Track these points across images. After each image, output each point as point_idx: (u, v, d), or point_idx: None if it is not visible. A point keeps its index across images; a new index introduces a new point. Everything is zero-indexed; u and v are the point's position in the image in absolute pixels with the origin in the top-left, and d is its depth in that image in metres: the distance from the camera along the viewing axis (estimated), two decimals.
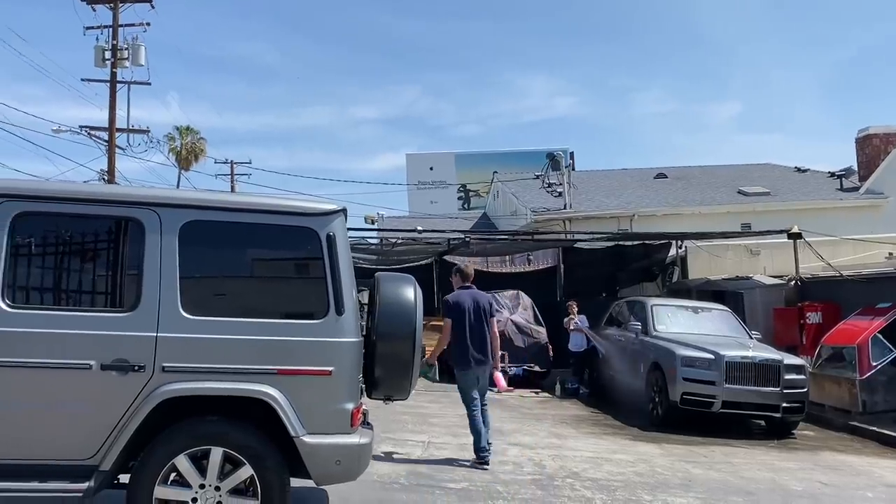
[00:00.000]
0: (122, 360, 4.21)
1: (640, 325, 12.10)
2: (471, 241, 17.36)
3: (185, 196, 4.90)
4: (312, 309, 4.54)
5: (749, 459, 8.68)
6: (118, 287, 4.48)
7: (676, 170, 27.69)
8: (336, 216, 4.69)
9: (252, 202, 4.78)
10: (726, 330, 12.00)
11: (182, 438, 4.25)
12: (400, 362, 4.95)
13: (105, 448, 4.17)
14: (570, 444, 9.12)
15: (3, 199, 4.32)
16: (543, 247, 18.66)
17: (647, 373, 11.31)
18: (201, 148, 37.60)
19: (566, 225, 21.18)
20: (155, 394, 4.20)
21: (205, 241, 4.58)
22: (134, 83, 23.13)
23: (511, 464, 7.67)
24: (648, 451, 8.84)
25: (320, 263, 4.55)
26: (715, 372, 10.31)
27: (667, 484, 7.14)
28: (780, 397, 10.29)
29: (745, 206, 22.18)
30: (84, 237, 4.55)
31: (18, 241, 4.33)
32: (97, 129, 22.93)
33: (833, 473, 8.09)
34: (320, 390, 4.43)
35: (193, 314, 4.35)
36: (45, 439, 4.18)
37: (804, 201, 22.05)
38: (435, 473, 7.00)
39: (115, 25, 22.48)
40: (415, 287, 5.15)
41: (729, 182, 24.99)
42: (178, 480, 4.27)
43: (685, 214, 21.48)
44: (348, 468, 4.51)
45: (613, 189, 24.91)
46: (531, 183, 25.23)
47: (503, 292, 16.16)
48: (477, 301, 7.58)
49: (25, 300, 4.34)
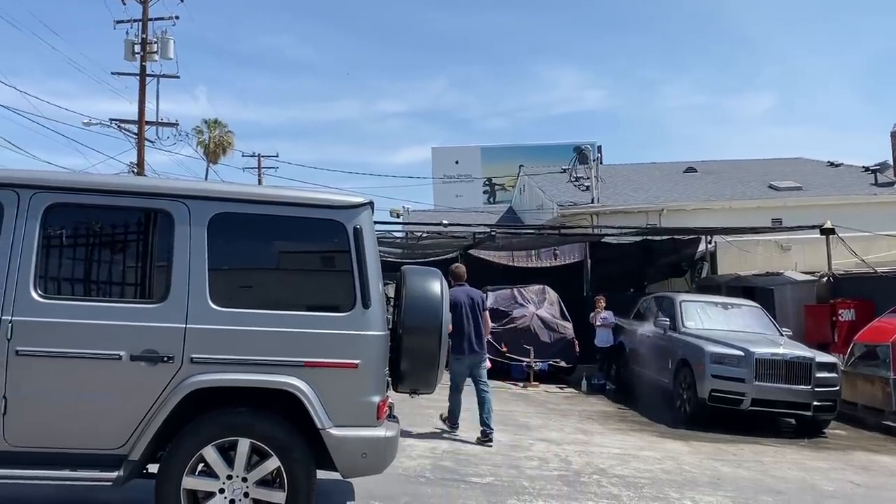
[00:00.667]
0: (152, 350, 4.24)
1: (669, 321, 11.97)
2: (496, 235, 17.29)
3: (214, 188, 4.92)
4: (339, 302, 4.53)
5: (779, 458, 8.55)
6: (148, 278, 4.51)
7: (706, 164, 27.35)
8: (363, 209, 4.68)
9: (280, 195, 4.78)
10: (756, 327, 11.83)
11: (210, 429, 4.27)
12: (426, 356, 4.94)
13: (134, 438, 4.21)
14: (597, 440, 9.06)
15: (36, 191, 4.37)
16: (570, 241, 18.51)
17: (676, 369, 11.19)
18: (229, 141, 37.87)
19: (593, 219, 21.01)
20: (183, 385, 4.22)
21: (233, 234, 4.59)
22: (163, 76, 23.38)
23: (537, 459, 7.63)
24: (676, 449, 8.75)
25: (347, 256, 4.55)
26: (744, 369, 10.17)
27: (695, 482, 7.06)
28: (811, 395, 10.13)
29: (776, 200, 21.82)
30: (114, 229, 4.58)
31: (50, 233, 4.37)
32: (127, 122, 23.23)
33: (866, 474, 7.94)
34: (347, 383, 4.42)
35: (222, 306, 4.36)
36: (75, 429, 4.22)
37: (837, 196, 21.65)
38: (460, 468, 6.99)
39: (144, 19, 22.72)
40: (441, 281, 5.13)
41: (759, 176, 24.62)
42: (205, 471, 4.29)
43: (715, 209, 21.19)
44: (374, 461, 4.51)
45: (642, 183, 24.67)
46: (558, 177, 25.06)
47: (529, 287, 16.08)
48: (471, 297, 8.57)
49: (57, 291, 4.39)
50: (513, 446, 8.24)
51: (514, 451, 8.00)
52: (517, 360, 14.51)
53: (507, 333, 14.87)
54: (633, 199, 22.38)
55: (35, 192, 4.36)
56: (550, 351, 14.69)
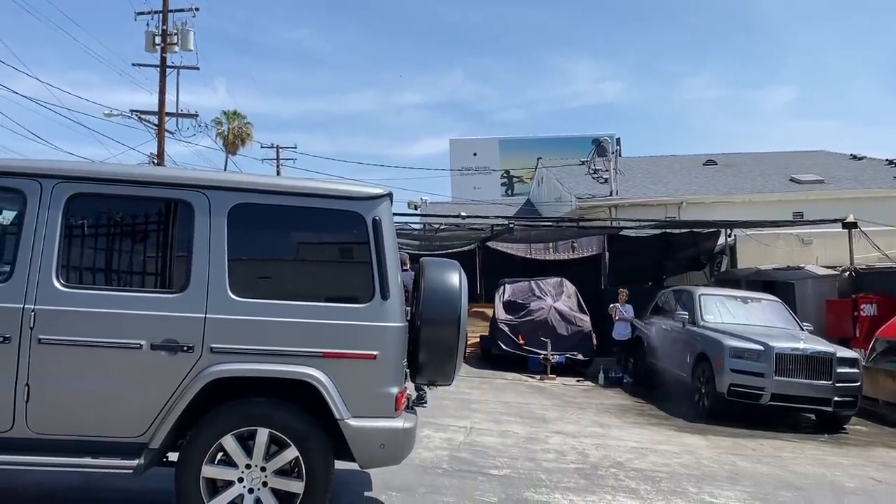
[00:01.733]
0: (172, 340, 4.27)
1: (688, 315, 11.89)
2: (514, 227, 17.25)
3: (233, 179, 4.94)
4: (358, 293, 4.53)
5: (798, 454, 8.48)
6: (168, 268, 4.54)
7: (726, 156, 27.10)
8: (382, 201, 4.67)
9: (299, 186, 4.78)
10: (776, 321, 11.72)
11: (229, 419, 4.30)
12: (444, 348, 4.92)
13: (154, 426, 4.24)
14: (614, 433, 9.03)
15: (58, 181, 4.40)
16: (588, 234, 18.44)
17: (694, 363, 11.11)
18: (248, 132, 37.99)
19: (612, 212, 20.90)
20: (203, 374, 4.24)
21: (253, 224, 4.60)
22: (183, 68, 23.46)
23: (554, 452, 7.62)
24: (694, 443, 8.70)
25: (366, 248, 4.55)
26: (764, 364, 10.08)
27: (713, 476, 7.01)
28: (831, 391, 10.03)
29: (797, 194, 21.58)
30: (135, 219, 4.61)
31: (72, 222, 4.40)
32: (147, 113, 23.36)
33: (887, 470, 7.85)
34: (365, 374, 4.43)
35: (241, 296, 4.38)
36: (97, 417, 4.26)
37: (859, 189, 21.36)
38: (477, 459, 6.99)
39: (165, 11, 22.82)
40: (460, 272, 5.11)
41: (781, 169, 24.36)
42: (224, 460, 4.32)
43: (735, 202, 21.00)
44: (392, 452, 4.51)
45: (661, 176, 24.49)
46: (576, 169, 24.98)
47: (546, 279, 16.06)
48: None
49: (79, 280, 4.42)
50: (529, 438, 8.23)
51: (531, 443, 7.99)
52: (534, 353, 14.50)
53: (524, 326, 14.87)
54: (651, 192, 22.22)
55: (57, 182, 4.39)
56: (567, 344, 14.66)
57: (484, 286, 19.01)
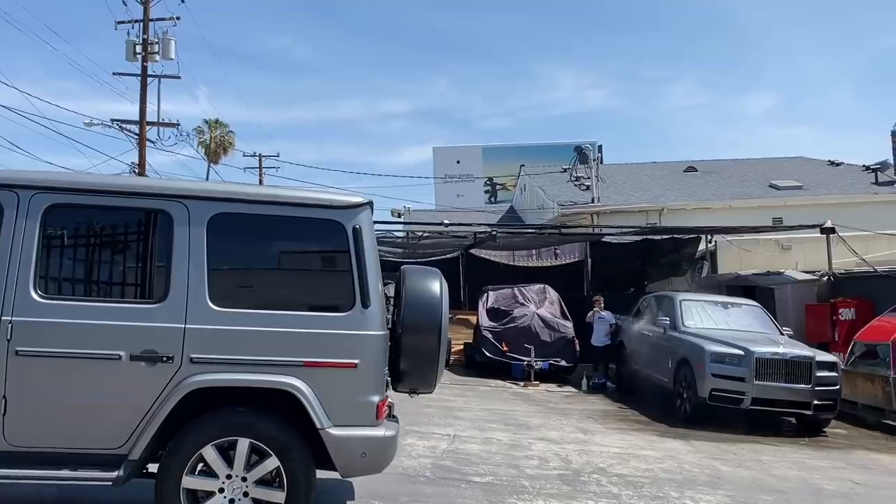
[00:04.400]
0: (151, 350, 4.25)
1: (669, 321, 11.97)
2: (497, 234, 17.29)
3: (213, 188, 4.93)
4: (338, 302, 4.54)
5: (779, 457, 8.55)
6: (147, 278, 4.52)
7: (706, 163, 27.32)
8: (362, 209, 4.69)
9: (279, 195, 4.79)
10: (757, 326, 11.83)
11: (209, 429, 4.28)
12: (426, 355, 4.93)
13: (134, 438, 4.22)
14: (597, 439, 9.06)
15: (36, 192, 4.37)
16: (570, 241, 18.53)
17: (676, 368, 11.19)
18: (230, 141, 37.89)
19: (594, 219, 21.01)
20: (183, 384, 4.23)
21: (233, 234, 4.60)
22: (164, 77, 23.33)
23: (537, 458, 7.64)
24: (676, 448, 8.75)
25: (346, 256, 4.56)
26: (745, 368, 10.18)
27: (695, 481, 7.06)
28: (811, 395, 10.13)
29: (776, 200, 21.82)
30: (114, 229, 4.59)
31: (50, 233, 4.38)
32: (128, 122, 23.19)
33: (866, 473, 7.94)
34: (346, 383, 4.43)
35: (221, 306, 4.37)
36: (75, 428, 4.23)
37: (838, 195, 21.64)
38: (460, 467, 7.00)
39: (145, 20, 22.70)
40: (441, 280, 5.12)
41: (760, 176, 24.61)
42: (205, 471, 4.30)
43: (715, 208, 21.19)
44: (374, 460, 4.52)
45: (642, 183, 24.66)
46: (559, 176, 25.05)
47: (529, 286, 16.09)
48: None
49: (57, 291, 4.39)
50: (513, 445, 8.25)
51: (515, 450, 8.00)
52: (518, 360, 14.52)
53: (507, 332, 14.88)
54: (633, 199, 22.37)
55: (35, 193, 4.37)
56: (551, 350, 14.70)
57: (467, 293, 19.04)
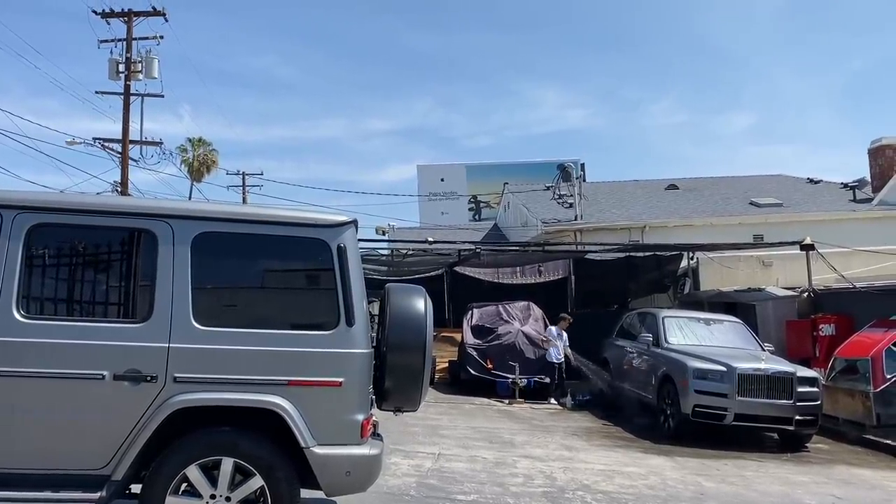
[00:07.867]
0: (135, 370, 4.24)
1: (652, 337, 12.05)
2: (481, 252, 17.37)
3: (197, 208, 4.94)
4: (323, 320, 4.56)
5: (762, 473, 8.61)
6: (131, 298, 4.51)
7: (688, 181, 27.60)
8: (347, 227, 4.71)
9: (263, 214, 4.80)
10: (738, 342, 11.93)
11: (193, 449, 4.27)
12: (410, 373, 4.93)
13: (117, 458, 4.19)
14: (581, 456, 9.08)
15: (18, 212, 4.37)
16: (554, 258, 18.61)
17: (659, 385, 11.25)
18: (213, 160, 37.86)
19: (577, 236, 21.14)
20: (167, 404, 4.22)
21: (217, 253, 4.61)
22: (147, 95, 23.28)
23: (522, 476, 7.64)
24: (660, 464, 8.79)
25: (331, 275, 4.58)
26: (727, 384, 10.25)
27: (678, 497, 7.09)
28: (793, 410, 10.21)
29: (757, 217, 22.06)
30: (97, 248, 4.59)
31: (33, 253, 4.37)
32: (111, 141, 23.07)
33: (847, 487, 8.01)
34: (330, 401, 4.44)
35: (205, 325, 4.37)
36: (58, 449, 4.20)
37: (817, 213, 21.89)
38: (445, 485, 6.99)
39: (128, 39, 22.68)
40: (425, 298, 5.14)
41: (741, 193, 24.88)
42: (189, 490, 4.28)
43: (697, 226, 21.38)
44: (358, 479, 4.52)
45: (624, 200, 24.86)
46: (542, 194, 25.20)
47: (514, 303, 16.14)
48: None
49: (40, 311, 4.38)
50: (498, 463, 8.25)
51: (499, 468, 8.00)
52: (503, 377, 14.54)
53: (492, 350, 14.91)
54: (615, 216, 22.54)
55: (18, 213, 4.36)
56: (535, 367, 14.73)
57: (452, 311, 19.03)
